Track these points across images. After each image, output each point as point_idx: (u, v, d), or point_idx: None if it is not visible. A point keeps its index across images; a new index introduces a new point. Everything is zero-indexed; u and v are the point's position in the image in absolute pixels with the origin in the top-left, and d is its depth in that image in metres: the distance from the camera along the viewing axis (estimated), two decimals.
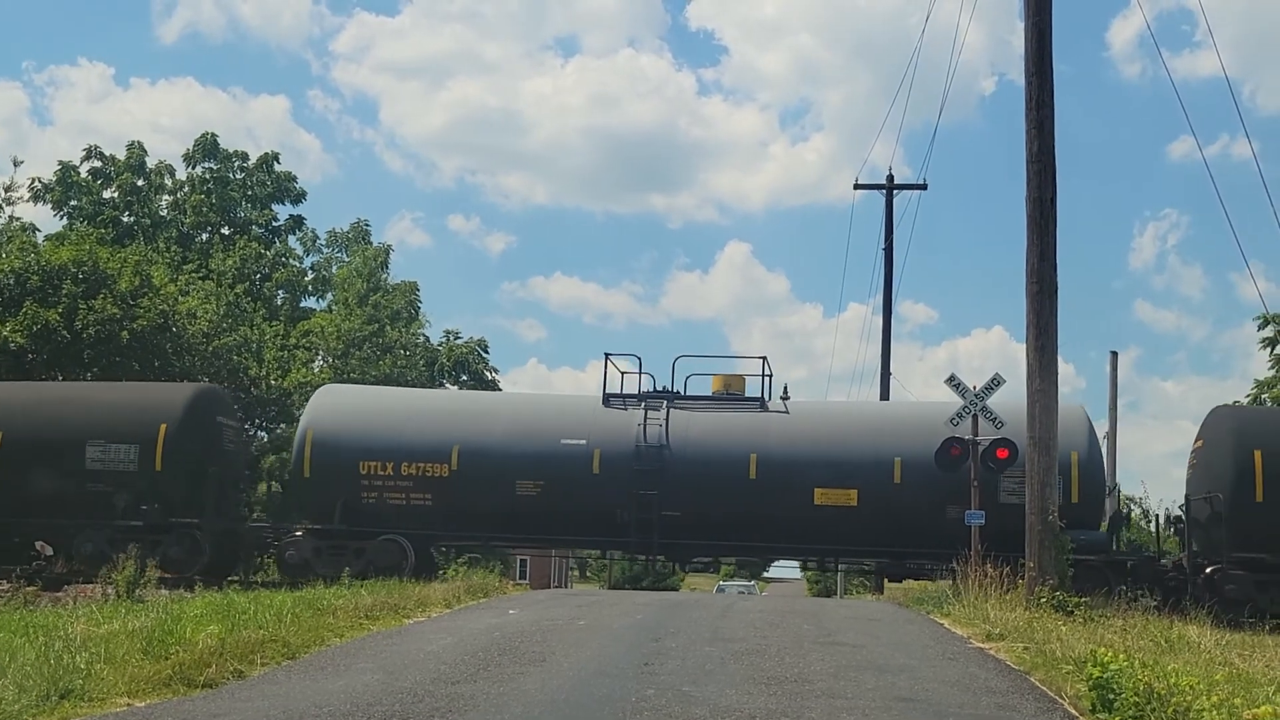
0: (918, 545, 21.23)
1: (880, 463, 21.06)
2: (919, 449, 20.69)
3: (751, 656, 10.78)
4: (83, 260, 32.05)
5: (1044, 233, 16.63)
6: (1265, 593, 19.32)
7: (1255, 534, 19.84)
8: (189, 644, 10.00)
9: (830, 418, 22.80)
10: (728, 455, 21.55)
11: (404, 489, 21.89)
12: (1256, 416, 21.82)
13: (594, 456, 21.67)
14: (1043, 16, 17.04)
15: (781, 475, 21.20)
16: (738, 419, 22.24)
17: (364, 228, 49.22)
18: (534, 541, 24.71)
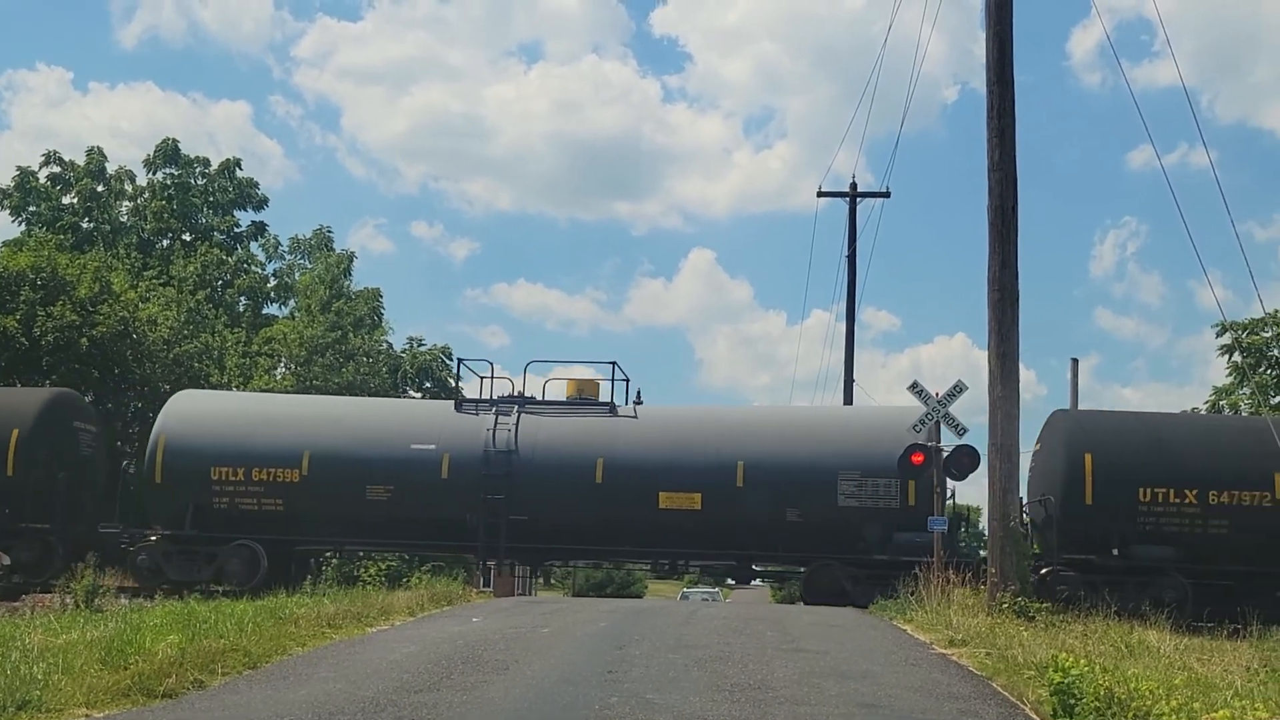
0: (761, 547, 21.63)
1: (723, 466, 21.39)
2: (761, 452, 21.34)
3: (715, 663, 10.79)
4: (41, 266, 31.77)
5: (1005, 240, 16.73)
6: (1096, 593, 19.47)
7: (1085, 536, 20.40)
8: (148, 654, 9.91)
9: (677, 422, 23.04)
10: (575, 460, 21.84)
11: (255, 494, 22.13)
12: (1089, 420, 22.33)
13: (443, 461, 21.93)
14: (1003, 26, 17.16)
15: (627, 479, 21.53)
16: (587, 424, 22.54)
17: (326, 234, 49.01)
18: (385, 546, 24.85)
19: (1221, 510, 20.26)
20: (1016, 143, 16.99)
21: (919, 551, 19.52)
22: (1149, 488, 20.25)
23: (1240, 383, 35.92)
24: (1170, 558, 20.02)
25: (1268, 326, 35.51)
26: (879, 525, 20.82)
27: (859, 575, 20.68)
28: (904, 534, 20.44)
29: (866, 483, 20.97)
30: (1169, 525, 20.21)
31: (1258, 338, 35.76)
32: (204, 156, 48.70)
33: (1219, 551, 20.21)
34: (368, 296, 45.96)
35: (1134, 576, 19.92)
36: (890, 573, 19.98)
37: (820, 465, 21.26)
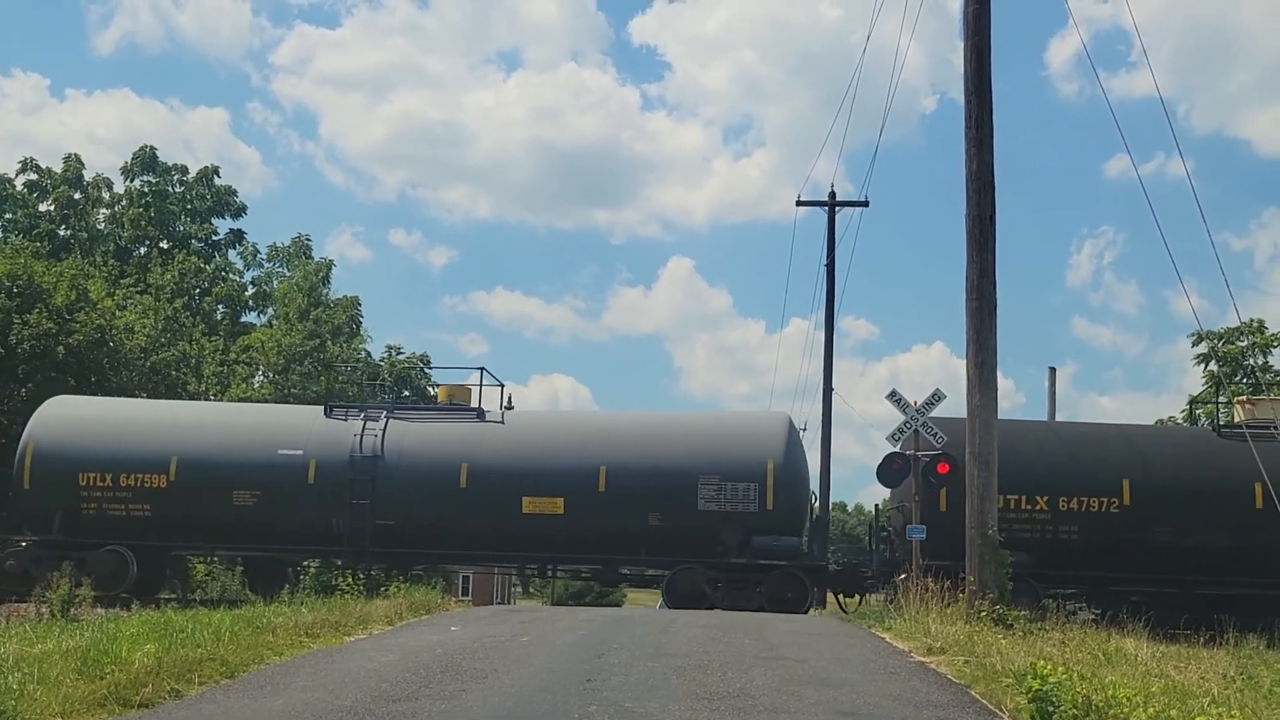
0: (625, 551, 21.88)
1: (585, 471, 21.75)
2: (623, 457, 21.72)
3: (694, 672, 10.78)
4: (17, 274, 31.60)
5: (983, 250, 16.80)
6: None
7: (943, 542, 20.49)
8: (125, 663, 9.85)
9: (541, 427, 23.41)
10: (440, 465, 22.17)
11: (123, 500, 22.44)
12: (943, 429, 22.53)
13: (310, 467, 22.24)
14: (981, 37, 17.25)
15: (491, 484, 21.90)
16: (453, 429, 22.83)
17: (305, 242, 48.96)
18: (253, 550, 25.00)
19: (1071, 516, 20.79)
20: (994, 152, 17.09)
21: (776, 555, 20.21)
22: (1003, 495, 20.40)
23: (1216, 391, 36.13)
24: (1023, 563, 20.16)
25: (1243, 336, 35.77)
26: (738, 529, 21.13)
27: (719, 579, 20.99)
28: (762, 538, 20.87)
29: (726, 487, 21.31)
30: (1022, 531, 20.68)
31: (1233, 347, 36.03)
32: (182, 164, 48.71)
33: (1069, 556, 20.75)
34: (346, 305, 45.90)
35: None
36: (749, 576, 20.58)
37: (681, 470, 21.62)
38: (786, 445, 21.77)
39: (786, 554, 20.83)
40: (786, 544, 20.93)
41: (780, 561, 20.47)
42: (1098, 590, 20.91)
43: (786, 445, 21.77)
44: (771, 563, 20.30)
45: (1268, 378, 35.24)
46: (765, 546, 20.72)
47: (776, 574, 20.60)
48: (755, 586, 20.64)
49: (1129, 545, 20.84)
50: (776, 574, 20.60)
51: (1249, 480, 20.65)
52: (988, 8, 17.33)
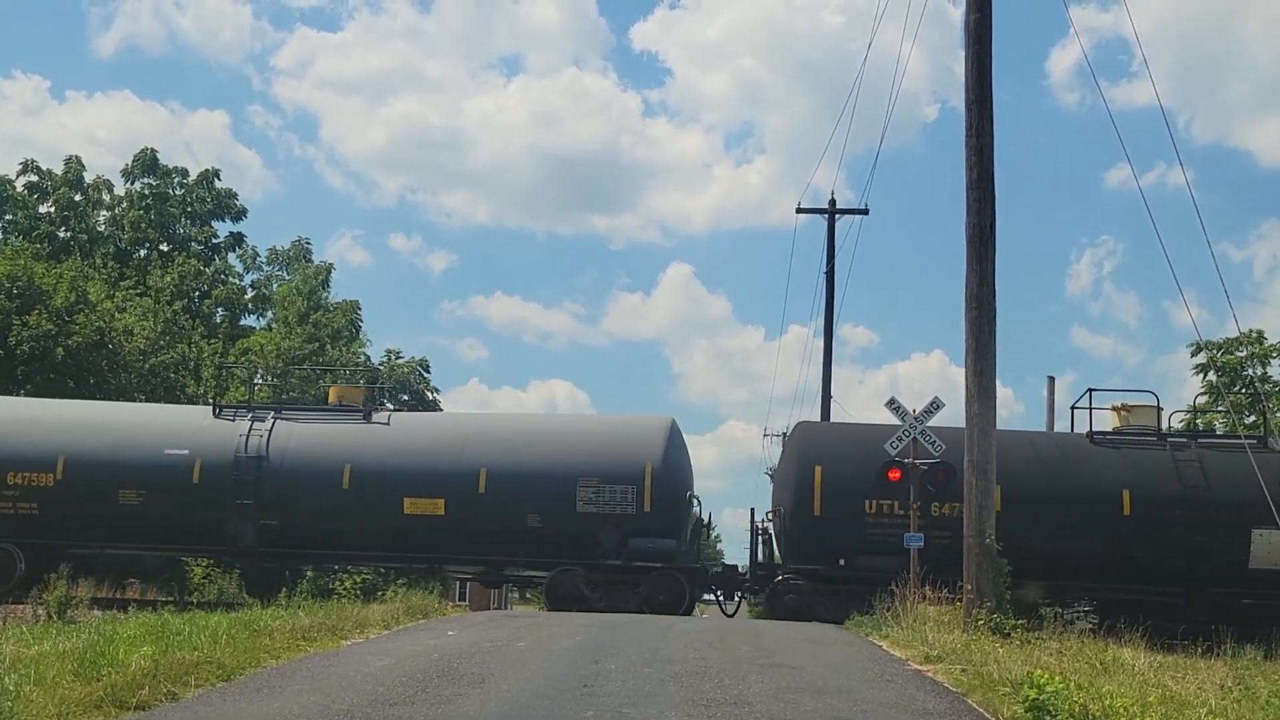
0: (506, 552, 22.08)
1: (466, 473, 21.88)
2: (504, 459, 21.90)
3: (691, 678, 10.77)
4: (17, 275, 31.63)
5: (983, 258, 16.80)
6: (820, 600, 20.46)
7: (815, 546, 21.12)
8: (121, 665, 9.84)
9: (424, 429, 23.63)
10: (324, 466, 22.32)
11: (10, 498, 22.54)
12: (822, 433, 23.26)
13: (195, 466, 22.39)
14: (983, 45, 17.26)
15: (373, 485, 22.04)
16: (338, 430, 22.98)
17: (305, 246, 48.97)
18: (141, 549, 25.00)
19: (944, 521, 20.68)
20: (995, 161, 17.10)
21: (653, 556, 20.52)
22: (875, 500, 20.89)
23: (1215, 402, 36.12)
24: (894, 568, 20.24)
25: (1243, 346, 35.76)
26: (615, 531, 21.30)
27: (596, 580, 21.18)
28: (639, 539, 21.10)
29: (604, 489, 21.49)
30: (894, 536, 20.58)
31: (1232, 357, 36.01)
32: (182, 167, 48.74)
33: (942, 561, 20.43)
34: (345, 309, 45.91)
35: (860, 586, 20.39)
36: (627, 577, 20.80)
37: (560, 472, 21.78)
38: (666, 448, 21.94)
39: (663, 556, 21.02)
40: (663, 546, 21.10)
41: (657, 564, 20.79)
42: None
43: (666, 448, 21.94)
44: (649, 565, 20.65)
45: (1266, 388, 35.22)
46: (642, 548, 20.95)
47: (655, 575, 20.87)
48: (634, 588, 20.85)
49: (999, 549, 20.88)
50: (655, 575, 20.87)
51: (1118, 487, 20.97)
52: (989, 17, 17.35)
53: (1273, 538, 20.12)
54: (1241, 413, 34.44)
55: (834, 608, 20.23)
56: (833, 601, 20.43)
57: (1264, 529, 19.89)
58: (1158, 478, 21.06)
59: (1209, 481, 20.88)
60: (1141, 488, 21.02)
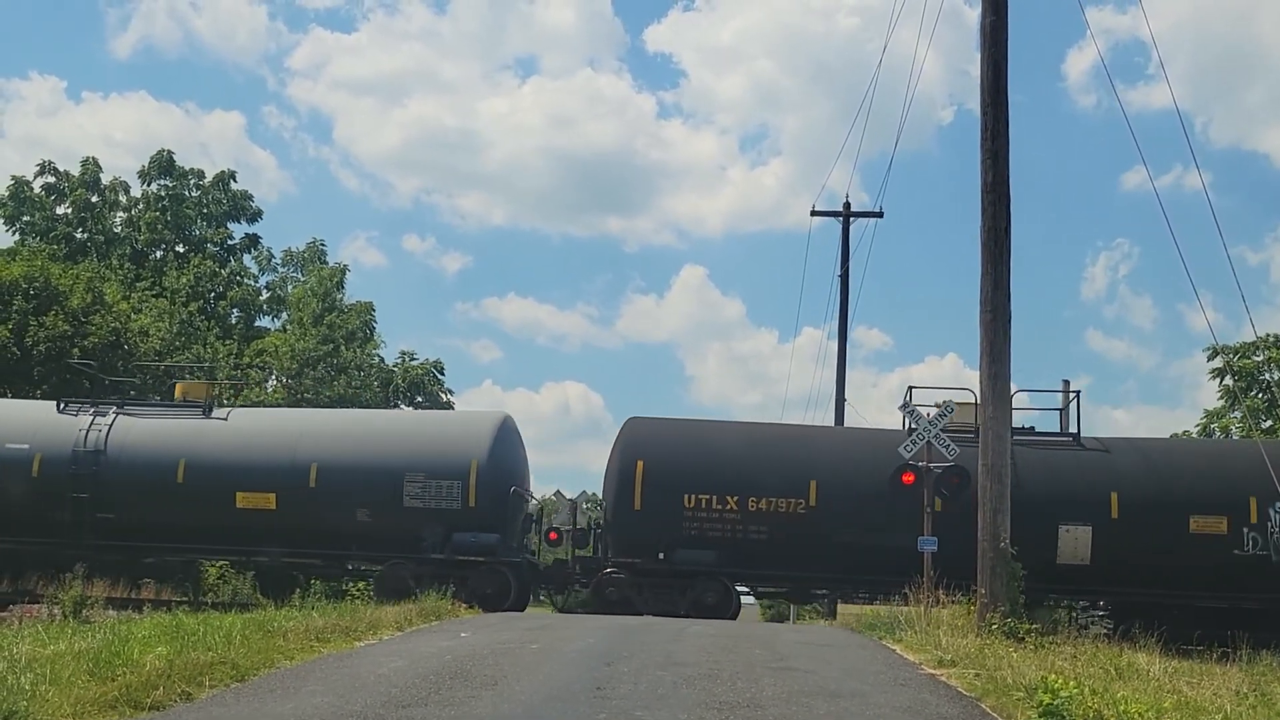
0: (336, 546, 22.41)
1: (297, 468, 22.25)
2: (334, 455, 22.29)
3: (704, 681, 10.77)
4: (34, 276, 31.78)
5: (998, 262, 16.78)
6: (640, 593, 20.83)
7: (636, 540, 21.50)
8: (136, 665, 9.87)
9: (259, 425, 23.85)
10: (160, 460, 22.66)
11: None
12: (645, 428, 23.34)
13: (35, 460, 22.79)
14: (998, 49, 17.24)
15: (207, 479, 22.38)
16: (176, 425, 23.34)
17: (319, 247, 49.05)
18: None
19: (760, 516, 21.14)
20: (1010, 164, 17.08)
21: (475, 551, 21.01)
22: (694, 494, 21.29)
23: (1231, 406, 36.03)
24: (711, 562, 20.98)
25: (1259, 350, 35.63)
26: (440, 526, 21.71)
27: (423, 574, 21.39)
28: (462, 534, 21.51)
29: (431, 485, 21.85)
30: (712, 530, 21.18)
31: (1249, 361, 35.90)
32: (198, 168, 48.83)
33: (758, 556, 21.22)
34: (360, 310, 45.97)
35: (679, 579, 20.97)
36: (453, 572, 21.13)
37: (388, 467, 22.12)
38: (493, 444, 22.26)
39: (485, 550, 21.37)
40: (485, 541, 21.43)
41: (480, 558, 21.21)
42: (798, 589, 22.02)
43: (493, 444, 22.26)
44: (475, 559, 21.12)
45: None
46: (464, 543, 21.38)
47: (482, 570, 21.21)
48: (459, 582, 21.11)
49: (815, 545, 21.23)
50: (482, 570, 21.21)
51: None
52: (1005, 20, 17.33)
53: (1078, 533, 20.67)
54: (1258, 416, 34.33)
55: (653, 600, 20.73)
56: (652, 594, 20.94)
57: (1071, 525, 20.65)
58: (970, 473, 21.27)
59: (1020, 478, 20.88)
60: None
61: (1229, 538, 20.47)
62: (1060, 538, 20.80)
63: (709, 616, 19.68)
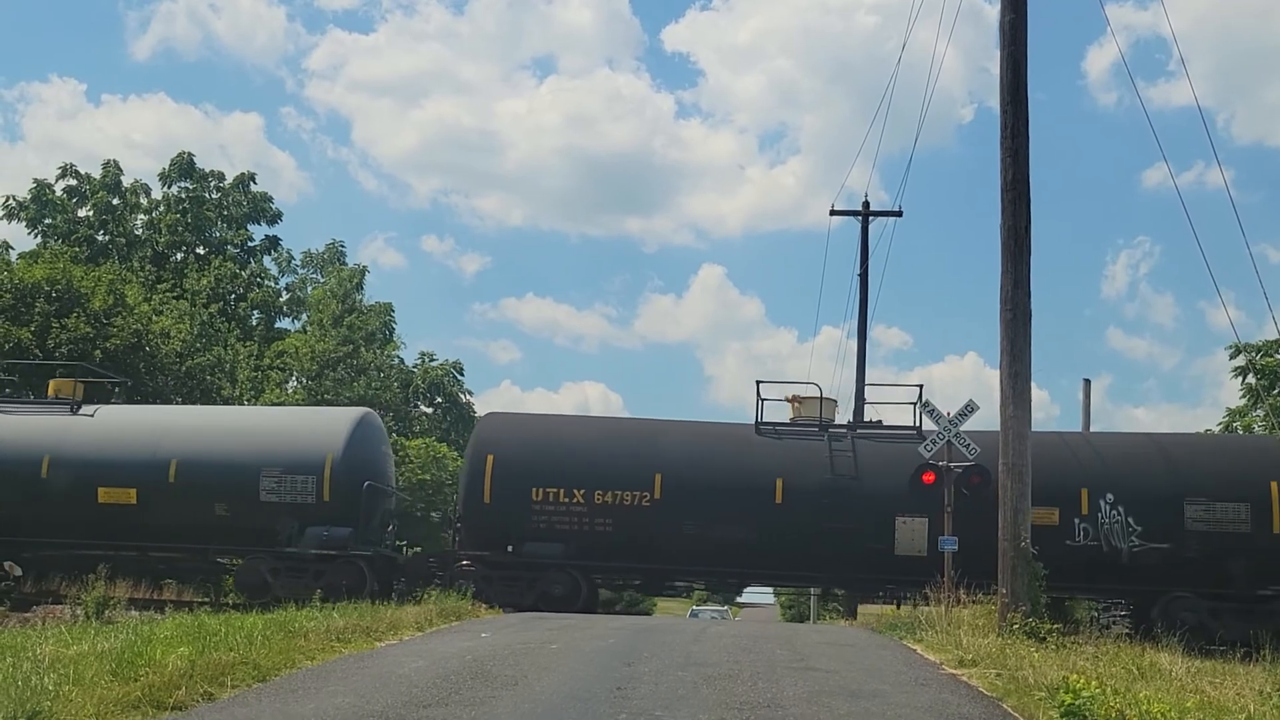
0: (197, 541, 22.70)
1: (158, 464, 22.57)
2: (194, 450, 22.61)
3: (724, 681, 10.76)
4: (56, 279, 31.94)
5: (1018, 260, 16.73)
6: (491, 586, 21.07)
7: (487, 533, 21.88)
8: (159, 666, 9.92)
9: (123, 422, 24.09)
10: (24, 457, 23.14)
11: None
12: (497, 423, 23.97)
13: None
14: (1018, 47, 17.19)
15: (70, 475, 22.75)
16: (43, 423, 23.80)
17: (339, 249, 49.21)
18: None
19: (606, 509, 21.45)
20: (1030, 162, 17.02)
21: (327, 545, 21.31)
22: (542, 488, 21.62)
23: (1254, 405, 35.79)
24: (559, 554, 21.28)
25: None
26: (295, 520, 21.99)
27: (279, 568, 21.73)
28: (316, 528, 21.76)
29: (286, 479, 22.14)
30: (560, 523, 21.52)
31: (1272, 359, 35.65)
32: (219, 171, 49.02)
33: (605, 548, 21.53)
34: (379, 311, 46.11)
35: (528, 572, 21.29)
36: (308, 565, 21.46)
37: (245, 463, 22.41)
38: (348, 441, 22.51)
39: (338, 544, 21.61)
40: (337, 535, 21.68)
41: (333, 551, 21.48)
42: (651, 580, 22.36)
43: (348, 441, 22.51)
44: (328, 553, 21.40)
45: None
46: (317, 537, 21.64)
47: (337, 563, 21.41)
48: (315, 576, 21.32)
49: (660, 538, 21.49)
50: (337, 563, 21.41)
51: (773, 476, 21.46)
52: (1024, 18, 17.27)
53: (914, 525, 20.85)
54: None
55: (502, 593, 20.93)
56: (501, 587, 21.17)
57: (907, 516, 20.85)
58: (811, 467, 21.71)
59: (860, 471, 21.58)
60: (794, 477, 21.61)
61: (1060, 528, 20.64)
62: (897, 529, 21.06)
63: (557, 609, 19.92)
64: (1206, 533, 20.30)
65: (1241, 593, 19.17)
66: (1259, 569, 19.86)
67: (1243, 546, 20.04)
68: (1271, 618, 18.82)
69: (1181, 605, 20.03)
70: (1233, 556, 19.71)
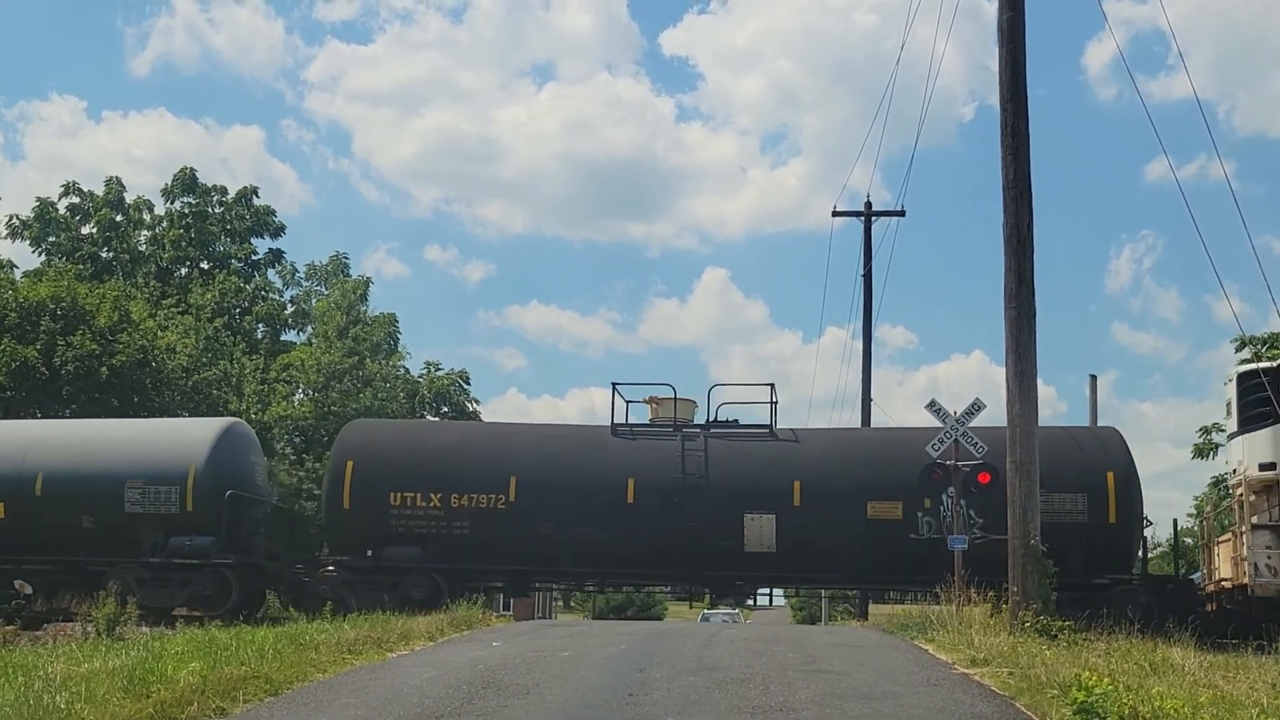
0: (66, 552, 22.60)
1: (25, 477, 22.81)
2: (60, 463, 22.82)
3: (736, 685, 10.76)
4: (61, 297, 31.96)
5: (1021, 257, 16.73)
6: (351, 590, 21.34)
7: (348, 537, 22.18)
8: (170, 682, 9.92)
9: None
10: None
11: None
12: (357, 430, 24.29)
13: None
14: (1016, 44, 17.20)
15: None
16: None
17: (343, 260, 49.17)
18: None
19: (463, 512, 21.75)
20: (1031, 160, 17.03)
21: (190, 554, 21.56)
22: (400, 492, 21.93)
23: None
24: (417, 558, 21.57)
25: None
26: (159, 530, 22.20)
27: (145, 578, 21.86)
28: (179, 538, 21.96)
29: (150, 490, 22.31)
30: (418, 527, 21.84)
31: (1277, 351, 35.56)
32: (221, 185, 49.01)
33: (463, 550, 21.80)
34: (384, 322, 46.06)
35: (387, 576, 21.52)
36: (172, 575, 21.66)
37: (110, 474, 22.56)
38: (212, 451, 22.63)
39: (200, 553, 21.79)
40: (199, 544, 21.86)
41: (195, 560, 21.66)
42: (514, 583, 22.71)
43: (212, 451, 22.63)
44: (193, 561, 21.60)
45: None
46: (180, 546, 21.86)
47: (203, 572, 21.61)
48: (181, 585, 21.63)
49: (516, 539, 21.72)
50: (203, 572, 21.61)
51: (625, 476, 21.71)
52: (1022, 15, 17.28)
53: (762, 521, 21.17)
54: None
55: (364, 597, 21.04)
56: (363, 591, 21.36)
57: (755, 513, 21.16)
58: (662, 467, 21.92)
59: (710, 470, 21.81)
60: (646, 477, 21.82)
61: (904, 522, 20.83)
62: (746, 526, 21.28)
63: (417, 611, 19.83)
64: (1046, 523, 20.40)
65: (1079, 581, 19.15)
66: (1096, 559, 20.04)
67: (1081, 536, 20.14)
68: (1110, 605, 18.95)
69: None
70: (1071, 546, 19.76)
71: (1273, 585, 17.86)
